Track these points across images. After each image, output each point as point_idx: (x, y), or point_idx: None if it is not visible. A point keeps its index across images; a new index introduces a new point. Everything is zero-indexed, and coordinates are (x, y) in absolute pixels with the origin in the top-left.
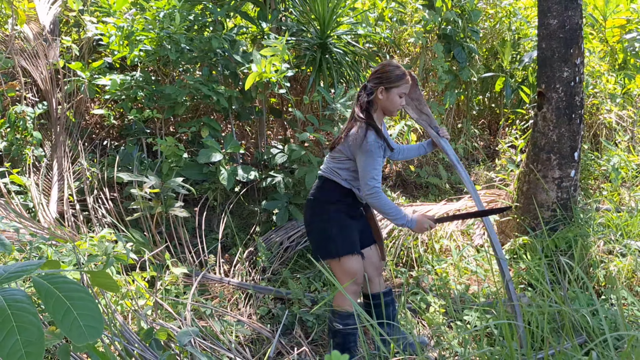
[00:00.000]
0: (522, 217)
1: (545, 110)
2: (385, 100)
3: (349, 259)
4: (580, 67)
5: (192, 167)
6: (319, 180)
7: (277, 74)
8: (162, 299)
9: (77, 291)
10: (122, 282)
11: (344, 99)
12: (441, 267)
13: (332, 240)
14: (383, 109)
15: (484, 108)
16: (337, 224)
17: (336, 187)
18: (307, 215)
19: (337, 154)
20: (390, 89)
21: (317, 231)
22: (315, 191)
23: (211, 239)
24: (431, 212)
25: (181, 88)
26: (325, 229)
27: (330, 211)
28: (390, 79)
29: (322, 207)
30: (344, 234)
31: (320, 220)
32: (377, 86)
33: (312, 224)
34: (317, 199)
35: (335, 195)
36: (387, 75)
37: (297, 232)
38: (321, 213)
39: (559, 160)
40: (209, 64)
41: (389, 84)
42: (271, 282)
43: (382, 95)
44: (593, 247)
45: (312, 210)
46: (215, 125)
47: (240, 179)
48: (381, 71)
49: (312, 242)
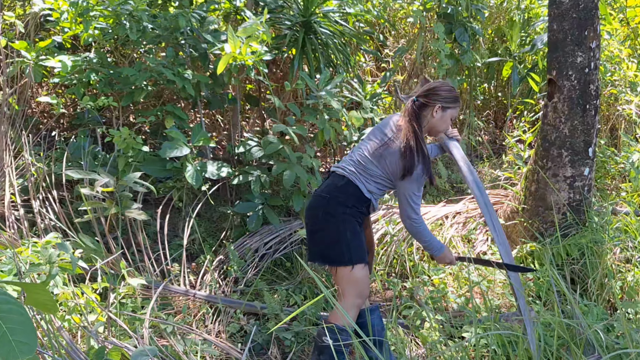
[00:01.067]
0: (530, 221)
1: (557, 100)
2: (438, 120)
3: (360, 268)
4: (595, 52)
5: (154, 162)
6: (337, 179)
7: (253, 57)
8: (116, 314)
9: (6, 303)
10: (69, 294)
11: (331, 86)
12: (438, 277)
13: (347, 245)
14: (431, 129)
15: (489, 97)
16: (351, 230)
17: (356, 193)
18: (319, 212)
19: (374, 169)
20: (447, 109)
21: (330, 233)
22: (333, 190)
23: (175, 245)
24: (430, 214)
25: (142, 71)
26: (341, 231)
27: (346, 214)
28: (449, 99)
29: (337, 208)
30: (358, 240)
31: (335, 221)
32: (434, 103)
33: (325, 224)
34: (334, 199)
35: (352, 200)
36: (447, 94)
37: (275, 238)
38: (336, 214)
39: (571, 157)
40: (174, 44)
41: (447, 104)
42: (244, 294)
43: (437, 114)
44: (608, 255)
45: (326, 209)
46: (181, 114)
47: (210, 176)
48: (440, 88)
49: (320, 244)
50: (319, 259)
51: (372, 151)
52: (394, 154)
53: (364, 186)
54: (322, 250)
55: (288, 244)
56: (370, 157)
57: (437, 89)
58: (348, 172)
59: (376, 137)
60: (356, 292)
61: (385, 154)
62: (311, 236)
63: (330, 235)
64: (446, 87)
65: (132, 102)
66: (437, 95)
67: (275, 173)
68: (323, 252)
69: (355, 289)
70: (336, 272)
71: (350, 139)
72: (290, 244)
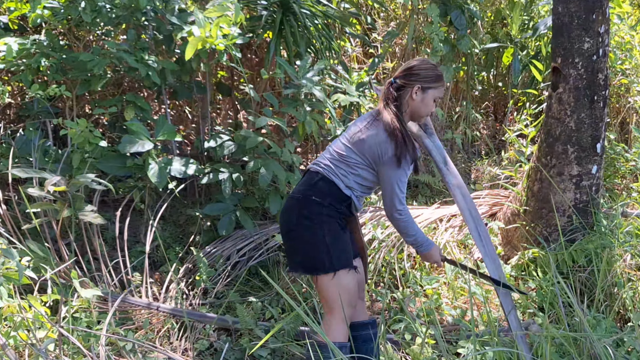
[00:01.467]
0: (532, 225)
1: (562, 91)
2: (419, 102)
3: (344, 274)
4: (604, 37)
5: (112, 159)
6: (310, 177)
7: (225, 40)
8: (69, 329)
9: None
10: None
11: (312, 74)
12: (432, 287)
13: (327, 250)
14: (412, 113)
15: (489, 87)
16: (331, 232)
17: (333, 190)
18: (292, 216)
19: (353, 157)
20: (428, 90)
21: (307, 237)
22: (306, 188)
23: (136, 252)
24: (422, 217)
25: (99, 57)
26: (318, 235)
27: (322, 215)
28: (429, 78)
29: (312, 208)
30: (340, 244)
31: (311, 224)
32: (412, 84)
33: (298, 228)
34: (307, 198)
35: (329, 199)
36: (426, 73)
37: (249, 244)
38: (311, 216)
39: (577, 154)
40: (135, 25)
41: (428, 84)
42: (214, 307)
43: (417, 96)
44: (618, 261)
45: (300, 211)
46: (144, 104)
47: (176, 174)
48: (418, 68)
49: (296, 252)
50: (300, 268)
51: (351, 136)
52: (376, 136)
53: (340, 181)
54: (299, 259)
55: (264, 251)
56: (349, 143)
57: (415, 67)
58: (322, 167)
59: (355, 124)
60: (344, 302)
61: (366, 138)
62: (287, 243)
63: (307, 240)
64: (426, 64)
65: (87, 91)
66: (416, 74)
67: (250, 171)
68: (302, 260)
69: (343, 297)
70: (317, 282)
71: (334, 132)
72: (266, 251)
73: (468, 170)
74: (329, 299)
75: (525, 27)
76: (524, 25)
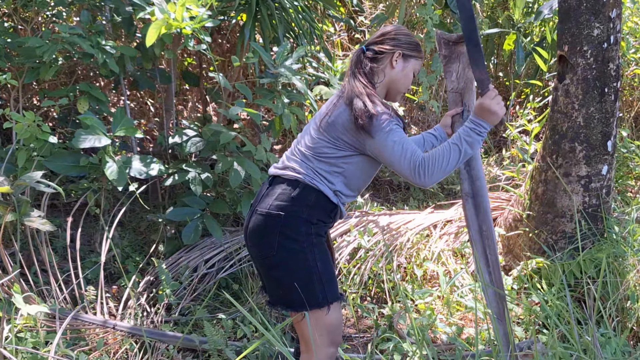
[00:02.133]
0: (537, 231)
1: (569, 82)
2: (399, 72)
3: (335, 308)
4: (616, 22)
5: (64, 156)
6: (287, 186)
7: (193, 23)
8: (12, 351)
9: None
10: None
11: (291, 61)
12: (424, 302)
13: (319, 279)
14: (390, 85)
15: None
16: (321, 255)
17: (320, 201)
18: (270, 238)
19: (330, 150)
20: (410, 58)
21: (293, 265)
22: (287, 203)
23: (90, 262)
24: (414, 222)
25: (49, 41)
26: (310, 263)
27: (312, 235)
28: (411, 45)
29: (299, 228)
30: (329, 269)
31: (299, 248)
32: (392, 50)
33: (281, 254)
34: (292, 216)
35: (317, 213)
36: (406, 39)
37: (218, 253)
38: (298, 237)
39: (586, 152)
40: (90, 6)
41: (410, 51)
42: (179, 325)
43: (397, 64)
44: (631, 272)
45: (283, 233)
46: (100, 95)
47: (137, 175)
48: (397, 33)
49: (278, 284)
50: (282, 304)
51: (319, 124)
52: (345, 111)
53: (327, 188)
54: (284, 292)
55: (235, 261)
56: (319, 134)
57: (393, 32)
58: (301, 173)
59: (321, 110)
60: (330, 340)
61: (335, 118)
62: (265, 272)
63: (294, 270)
64: (404, 30)
65: (36, 80)
66: (396, 39)
67: (221, 171)
68: (286, 296)
69: (329, 336)
70: (304, 317)
71: None
72: (238, 262)
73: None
74: (315, 337)
75: (530, 11)
76: (528, 9)
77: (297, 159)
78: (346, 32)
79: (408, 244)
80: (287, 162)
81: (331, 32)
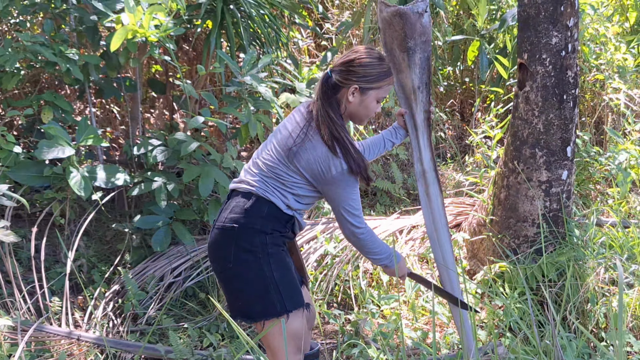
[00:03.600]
0: (500, 236)
1: (529, 90)
2: (357, 105)
3: (296, 316)
4: (573, 31)
5: (27, 167)
6: (241, 199)
7: (158, 32)
8: None
9: None
10: None
11: (257, 69)
12: (390, 308)
13: (276, 288)
14: (350, 115)
15: (454, 83)
16: (278, 265)
17: (272, 212)
18: (226, 251)
19: (289, 175)
20: (368, 91)
21: (249, 276)
22: (240, 215)
23: (56, 273)
24: (380, 228)
25: (12, 50)
26: (264, 272)
27: (267, 245)
28: (370, 77)
29: (253, 239)
30: (288, 279)
31: (254, 259)
32: (349, 84)
33: (237, 266)
34: (245, 228)
35: (271, 224)
36: (366, 70)
37: (185, 262)
38: (253, 248)
39: (546, 158)
40: (54, 15)
41: (368, 84)
42: (145, 335)
43: (353, 98)
44: (591, 275)
45: (237, 243)
46: (64, 105)
47: (102, 184)
48: (359, 62)
49: (236, 296)
50: (242, 316)
51: (282, 145)
52: (313, 151)
53: (280, 201)
54: (243, 303)
55: (202, 270)
56: (281, 156)
57: (355, 62)
58: (254, 186)
59: (284, 126)
60: (294, 348)
61: (301, 153)
62: (224, 285)
63: (251, 281)
64: (369, 58)
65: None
66: (353, 72)
67: (187, 181)
68: (245, 307)
69: (293, 344)
70: (263, 326)
71: None
72: (204, 270)
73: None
74: (275, 347)
75: (493, 18)
76: (492, 16)
77: (254, 172)
78: (313, 39)
79: None
80: (243, 176)
81: (297, 39)
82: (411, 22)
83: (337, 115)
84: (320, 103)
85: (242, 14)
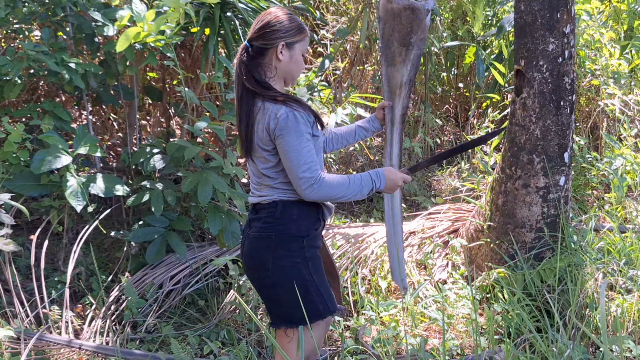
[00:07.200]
0: (498, 242)
1: (526, 96)
2: (288, 62)
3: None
4: (570, 38)
5: (25, 176)
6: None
7: (164, 37)
8: None
9: None
10: None
11: None
12: (389, 314)
13: (317, 291)
14: (284, 75)
15: (449, 89)
16: (317, 268)
17: (302, 210)
18: (264, 260)
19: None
20: (294, 45)
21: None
22: (272, 223)
23: (55, 281)
24: (377, 235)
25: (14, 59)
26: (303, 276)
27: (304, 249)
28: (292, 31)
29: (289, 245)
30: (325, 282)
31: (292, 264)
32: (274, 42)
33: (277, 273)
34: (280, 235)
35: (305, 223)
36: (287, 25)
37: (184, 269)
38: (292, 254)
39: (544, 164)
40: (52, 23)
41: (292, 38)
42: (145, 343)
43: (283, 55)
44: (590, 281)
45: (275, 251)
46: (62, 113)
47: (99, 193)
48: (276, 21)
49: (278, 302)
50: (286, 322)
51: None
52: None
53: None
54: (287, 311)
55: (202, 277)
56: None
57: (271, 23)
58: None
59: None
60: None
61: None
62: (264, 293)
63: (292, 286)
64: (282, 16)
65: None
66: (276, 31)
67: (187, 189)
68: (288, 312)
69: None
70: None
71: None
72: (204, 277)
73: (428, 182)
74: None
75: (489, 24)
76: (488, 22)
77: (261, 185)
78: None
79: (372, 256)
80: (256, 191)
81: None
82: (420, 18)
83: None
84: (245, 77)
85: (239, 21)
